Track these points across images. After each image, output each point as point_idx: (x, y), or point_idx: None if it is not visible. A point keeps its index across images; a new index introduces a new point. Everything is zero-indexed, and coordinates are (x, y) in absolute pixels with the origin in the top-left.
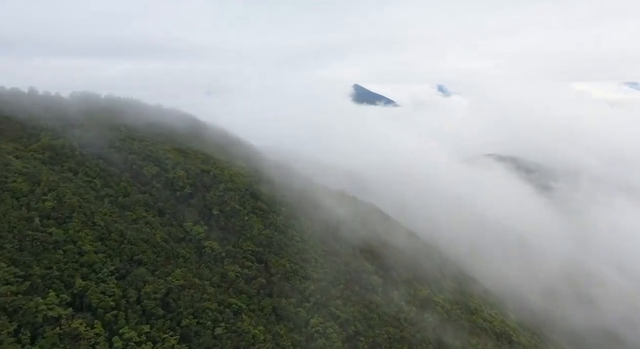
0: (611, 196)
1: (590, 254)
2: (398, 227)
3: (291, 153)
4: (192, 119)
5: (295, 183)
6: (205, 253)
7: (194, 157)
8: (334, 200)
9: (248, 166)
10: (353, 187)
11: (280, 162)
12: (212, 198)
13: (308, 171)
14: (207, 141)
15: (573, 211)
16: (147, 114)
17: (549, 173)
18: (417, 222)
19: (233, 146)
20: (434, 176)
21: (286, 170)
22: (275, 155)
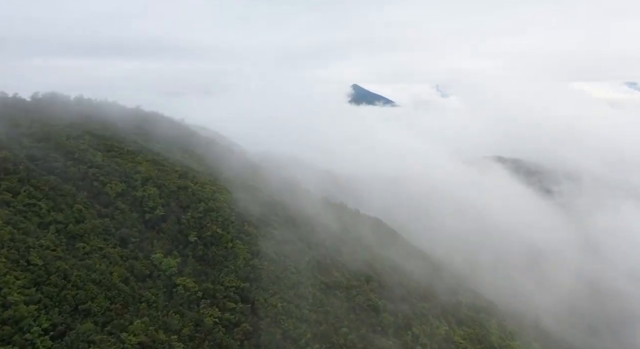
0: (617, 199)
1: (604, 263)
2: (407, 246)
3: (286, 159)
4: (176, 125)
5: (290, 198)
6: (177, 293)
7: (171, 170)
8: (335, 216)
9: (236, 179)
10: (352, 195)
11: (274, 172)
12: (189, 221)
13: (304, 179)
14: (191, 150)
15: (579, 216)
16: (122, 118)
17: (550, 175)
18: (419, 229)
19: (221, 155)
20: (434, 180)
21: (280, 183)
22: (268, 163)
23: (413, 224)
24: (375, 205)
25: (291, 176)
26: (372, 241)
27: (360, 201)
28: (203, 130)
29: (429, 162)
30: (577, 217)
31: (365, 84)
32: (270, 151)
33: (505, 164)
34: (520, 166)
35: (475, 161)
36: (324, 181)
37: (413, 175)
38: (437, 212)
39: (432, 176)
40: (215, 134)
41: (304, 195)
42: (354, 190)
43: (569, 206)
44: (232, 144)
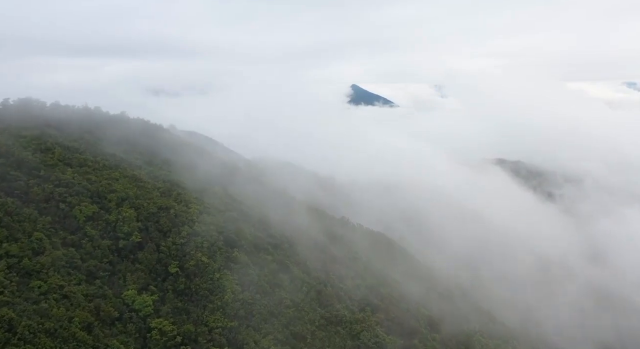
0: (620, 205)
1: (612, 273)
2: (412, 263)
3: (281, 166)
4: (162, 132)
5: (286, 214)
6: (152, 339)
7: (152, 188)
8: (336, 232)
9: (225, 196)
10: (350, 203)
11: (268, 183)
12: (170, 249)
13: (301, 189)
14: (178, 162)
15: (583, 222)
16: (103, 127)
17: (551, 178)
18: (421, 240)
19: (211, 166)
20: (434, 185)
21: (276, 196)
22: (263, 171)
23: (415, 235)
24: (375, 214)
25: (287, 187)
26: (376, 261)
27: (360, 209)
28: (194, 136)
29: (428, 166)
30: (581, 224)
31: (365, 84)
32: (265, 157)
33: (506, 166)
34: (520, 168)
35: (475, 164)
36: (322, 189)
37: (413, 180)
38: (439, 220)
39: (432, 181)
40: (207, 140)
41: (302, 209)
42: (352, 197)
43: (572, 212)
44: (225, 151)
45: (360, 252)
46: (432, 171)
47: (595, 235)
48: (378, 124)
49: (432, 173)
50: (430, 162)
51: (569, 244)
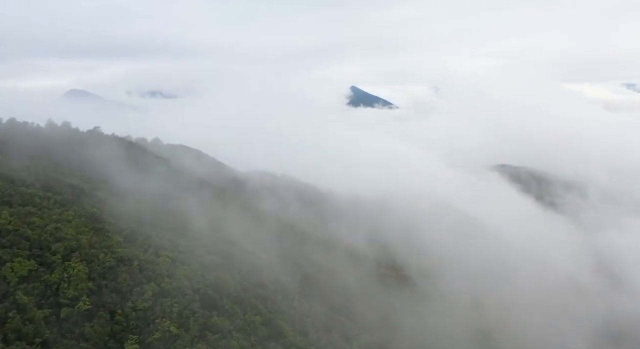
0: (625, 214)
1: (623, 291)
2: (431, 299)
3: (275, 182)
4: (142, 153)
5: (279, 251)
6: None
7: (113, 230)
8: (338, 267)
9: (208, 230)
10: (348, 219)
11: (260, 206)
12: (129, 317)
13: (298, 210)
14: (152, 190)
15: (587, 232)
16: (66, 149)
17: (553, 186)
18: (428, 263)
19: (194, 189)
20: (432, 195)
21: (270, 223)
22: (254, 191)
23: (415, 255)
24: (372, 231)
25: (282, 210)
26: (394, 302)
27: (356, 226)
28: (181, 151)
29: (427, 175)
30: (587, 235)
31: (364, 85)
32: (259, 170)
33: (506, 172)
34: (521, 174)
35: (475, 170)
36: (316, 205)
37: (412, 192)
38: (439, 234)
39: (431, 192)
40: (196, 154)
41: (302, 238)
42: (348, 213)
43: (577, 222)
44: (215, 166)
45: (374, 292)
46: (431, 180)
47: (602, 248)
48: (376, 127)
49: (431, 183)
50: (429, 170)
51: (577, 259)
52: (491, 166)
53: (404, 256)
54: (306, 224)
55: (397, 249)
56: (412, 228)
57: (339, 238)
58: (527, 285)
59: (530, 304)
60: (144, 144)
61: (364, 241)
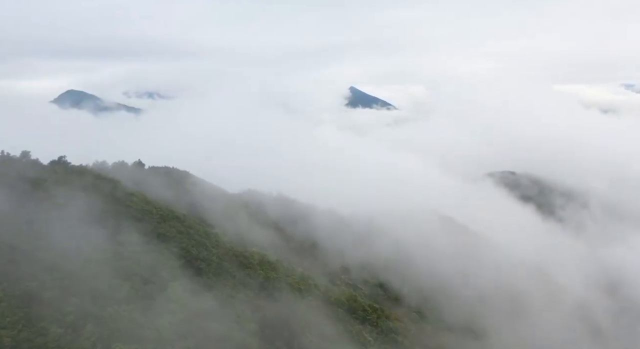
0: (632, 227)
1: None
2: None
3: (270, 203)
4: (112, 187)
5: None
6: None
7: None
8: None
9: (180, 292)
10: (343, 241)
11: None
12: None
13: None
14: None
15: (595, 247)
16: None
17: (552, 194)
18: (416, 275)
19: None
20: (431, 204)
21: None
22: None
23: (417, 281)
24: (367, 256)
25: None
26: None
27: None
28: (165, 175)
29: (424, 184)
30: (592, 250)
31: (363, 85)
32: (253, 189)
33: (505, 181)
34: (520, 182)
35: (474, 178)
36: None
37: (410, 204)
38: (444, 255)
39: (430, 203)
40: (182, 177)
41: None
42: (339, 238)
43: (581, 235)
44: (206, 190)
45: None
46: (428, 192)
47: (608, 265)
48: (373, 130)
49: (428, 194)
50: (424, 180)
51: (588, 281)
52: (488, 173)
53: (398, 283)
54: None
55: (388, 273)
56: (408, 248)
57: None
58: (541, 316)
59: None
60: (119, 169)
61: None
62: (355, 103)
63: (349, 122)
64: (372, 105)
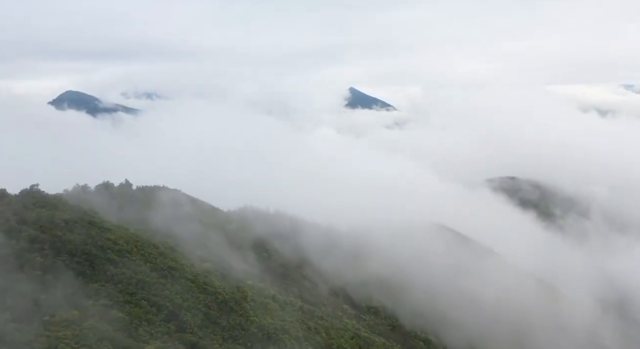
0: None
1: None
2: None
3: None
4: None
5: None
6: None
7: None
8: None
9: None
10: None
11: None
12: None
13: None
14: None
15: (595, 258)
16: None
17: (553, 200)
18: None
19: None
20: (429, 213)
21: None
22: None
23: (416, 301)
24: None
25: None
26: None
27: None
28: (154, 195)
29: (421, 191)
30: (594, 261)
31: (363, 86)
32: (242, 204)
33: (504, 187)
34: (521, 188)
35: (472, 185)
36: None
37: (407, 213)
38: (446, 268)
39: (428, 212)
40: (176, 198)
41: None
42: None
43: (584, 245)
44: (197, 213)
45: None
46: (425, 199)
47: (621, 280)
48: (371, 132)
49: (425, 202)
50: (422, 188)
51: (592, 292)
52: (488, 179)
53: (396, 306)
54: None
55: (386, 295)
56: (407, 265)
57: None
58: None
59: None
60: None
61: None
62: (354, 104)
63: (349, 123)
64: (372, 106)
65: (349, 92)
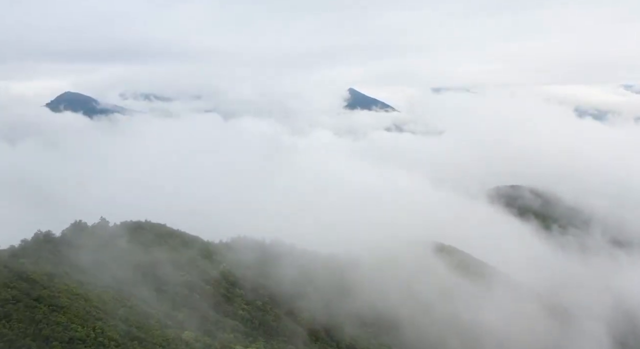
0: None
1: None
2: None
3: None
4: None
5: None
6: None
7: None
8: None
9: None
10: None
11: None
12: None
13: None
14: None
15: (606, 273)
16: None
17: (554, 212)
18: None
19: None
20: (432, 227)
21: None
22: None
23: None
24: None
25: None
26: None
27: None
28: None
29: (427, 206)
30: (600, 276)
31: (363, 87)
32: (236, 234)
33: (504, 198)
34: (523, 196)
35: (470, 195)
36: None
37: (413, 233)
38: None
39: (435, 229)
40: (157, 229)
41: None
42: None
43: (588, 259)
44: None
45: None
46: (421, 212)
47: (625, 297)
48: (371, 135)
49: (422, 215)
50: (417, 199)
51: (602, 311)
52: (489, 189)
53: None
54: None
55: (381, 332)
56: (404, 293)
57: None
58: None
59: None
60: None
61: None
62: (354, 105)
63: (347, 124)
64: (371, 106)
65: (349, 93)
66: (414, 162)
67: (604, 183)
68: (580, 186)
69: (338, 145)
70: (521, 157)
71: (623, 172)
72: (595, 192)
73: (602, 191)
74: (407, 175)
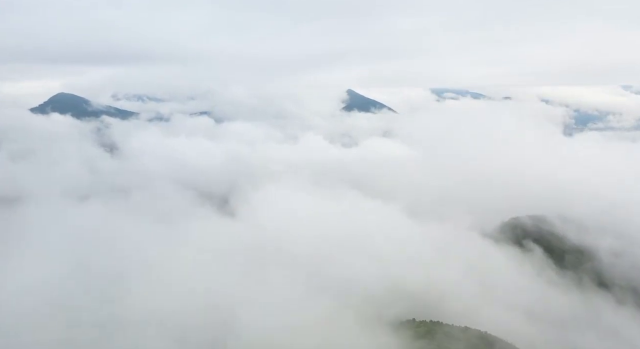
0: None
1: None
2: None
3: None
4: None
5: None
6: None
7: None
8: None
9: None
10: None
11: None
12: None
13: None
14: None
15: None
16: None
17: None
18: None
19: None
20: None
21: None
22: None
23: None
24: None
25: None
26: None
27: None
28: None
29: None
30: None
31: (362, 88)
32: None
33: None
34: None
35: (481, 231)
36: None
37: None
38: None
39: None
40: None
41: None
42: None
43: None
44: None
45: None
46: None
47: None
48: (362, 141)
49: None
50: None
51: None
52: (491, 224)
53: None
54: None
55: None
56: None
57: None
58: None
59: None
60: None
61: None
62: (351, 107)
63: (342, 128)
64: (370, 108)
65: (347, 94)
66: (396, 186)
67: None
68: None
69: (325, 154)
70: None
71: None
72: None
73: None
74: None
